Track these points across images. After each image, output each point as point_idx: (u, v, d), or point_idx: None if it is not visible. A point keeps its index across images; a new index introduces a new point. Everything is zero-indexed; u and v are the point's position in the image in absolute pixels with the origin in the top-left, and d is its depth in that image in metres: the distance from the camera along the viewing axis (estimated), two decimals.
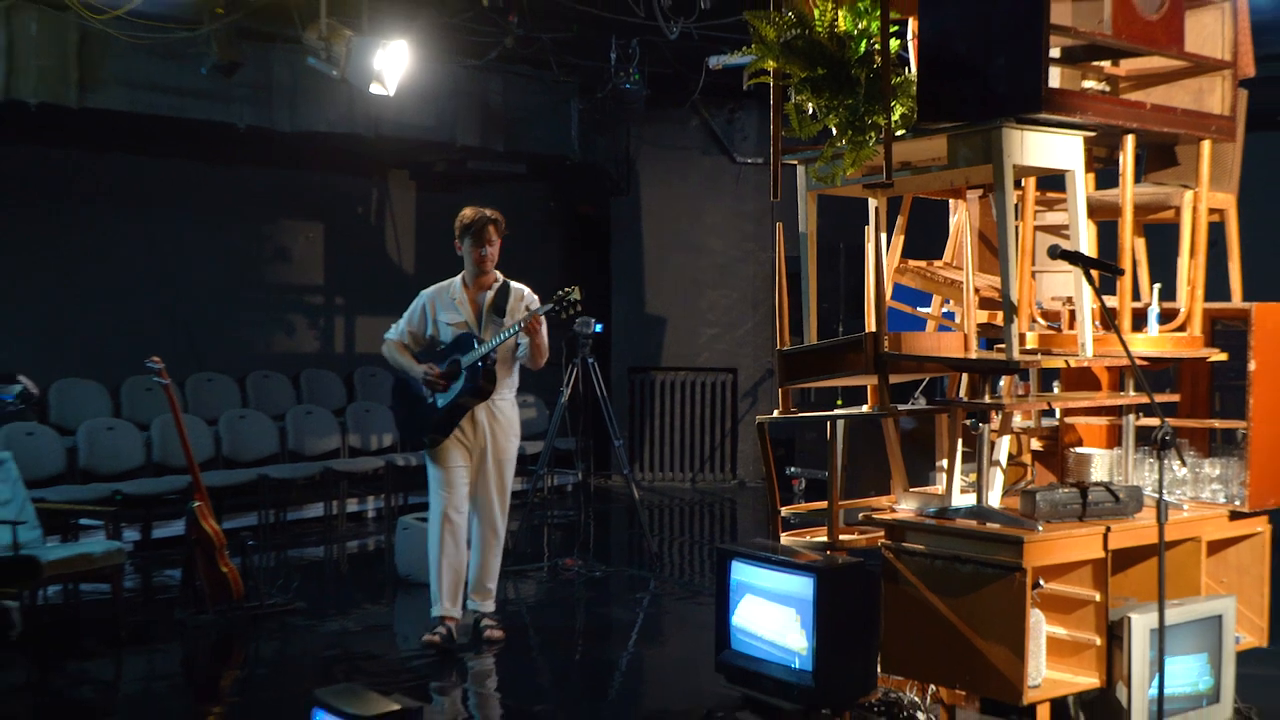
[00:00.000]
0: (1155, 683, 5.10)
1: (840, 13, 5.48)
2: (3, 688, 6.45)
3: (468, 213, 6.98)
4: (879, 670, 5.57)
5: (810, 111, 5.56)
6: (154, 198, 11.04)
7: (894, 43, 5.50)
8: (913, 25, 5.64)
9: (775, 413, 6.23)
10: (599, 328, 9.95)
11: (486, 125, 12.25)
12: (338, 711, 4.43)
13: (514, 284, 7.09)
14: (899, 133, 5.37)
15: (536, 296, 7.05)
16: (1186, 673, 5.38)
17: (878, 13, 5.34)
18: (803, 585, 5.42)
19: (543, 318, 6.76)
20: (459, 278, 7.09)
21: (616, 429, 10.10)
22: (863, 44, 5.44)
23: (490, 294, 6.99)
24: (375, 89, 9.43)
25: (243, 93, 10.54)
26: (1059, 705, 5.36)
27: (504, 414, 7.04)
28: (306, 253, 12.36)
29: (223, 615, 7.49)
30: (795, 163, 5.89)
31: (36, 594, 7.22)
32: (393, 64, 9.39)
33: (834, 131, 5.50)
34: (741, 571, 5.76)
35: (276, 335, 12.10)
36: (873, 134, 5.38)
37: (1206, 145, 5.71)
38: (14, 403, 9.36)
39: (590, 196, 13.69)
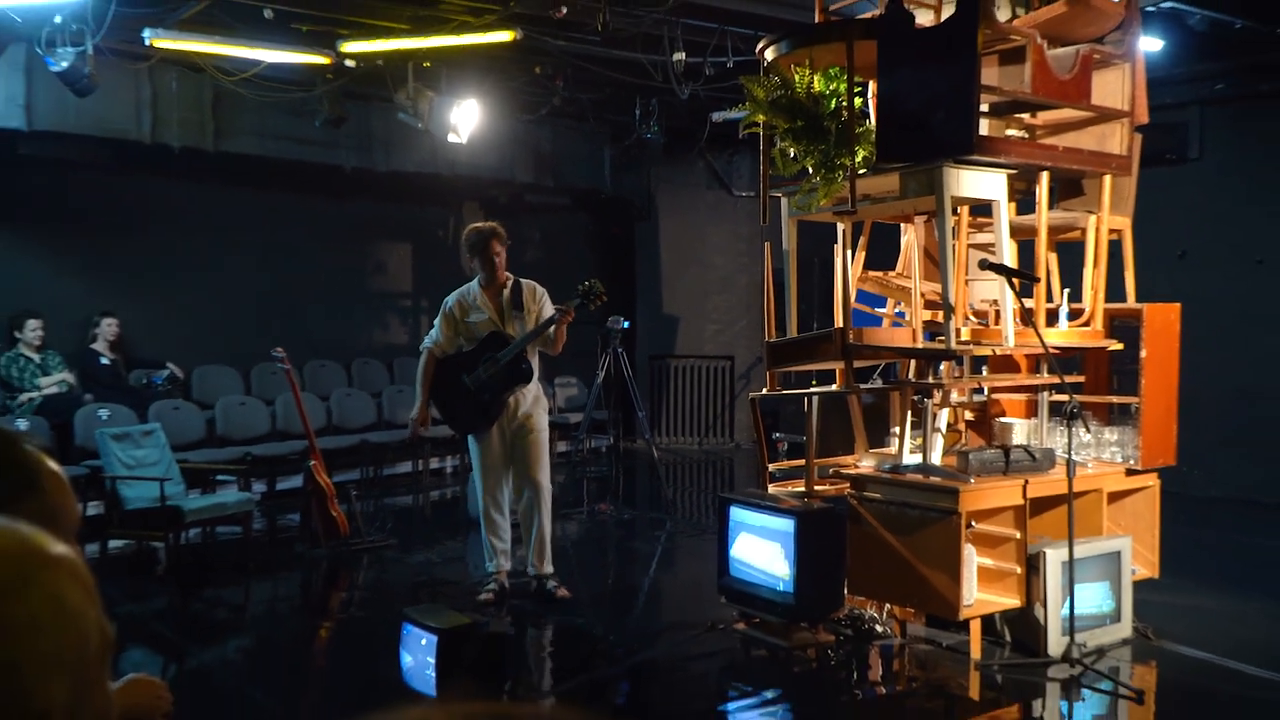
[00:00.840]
0: (1066, 604, 5.09)
1: (815, 77, 5.48)
2: (152, 612, 6.48)
3: (471, 233, 6.39)
4: (846, 592, 5.59)
5: (791, 155, 5.56)
6: (277, 223, 11.05)
7: (857, 100, 5.50)
8: (872, 86, 5.63)
9: (764, 390, 6.24)
10: (626, 324, 9.95)
11: (539, 166, 12.26)
12: (422, 625, 4.46)
13: (523, 280, 6.42)
14: (861, 171, 5.38)
15: (545, 290, 6.44)
16: (1092, 597, 5.38)
17: (844, 77, 5.34)
18: (786, 525, 5.43)
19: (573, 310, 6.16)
20: (474, 283, 6.42)
21: (640, 403, 10.12)
22: (833, 102, 5.44)
23: (506, 291, 6.31)
24: (452, 138, 9.48)
25: (348, 141, 10.59)
26: (988, 621, 5.36)
27: (530, 392, 6.30)
28: (398, 267, 12.38)
29: (333, 550, 7.53)
30: (779, 195, 5.89)
31: (180, 536, 7.23)
32: (465, 118, 9.43)
33: (810, 170, 5.50)
34: (738, 514, 5.78)
35: (375, 330, 12.12)
36: (840, 172, 5.38)
37: (1108, 179, 5.69)
38: (162, 385, 9.41)
39: (619, 222, 13.68)
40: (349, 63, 8.71)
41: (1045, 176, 5.47)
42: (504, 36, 8.02)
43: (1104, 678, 4.95)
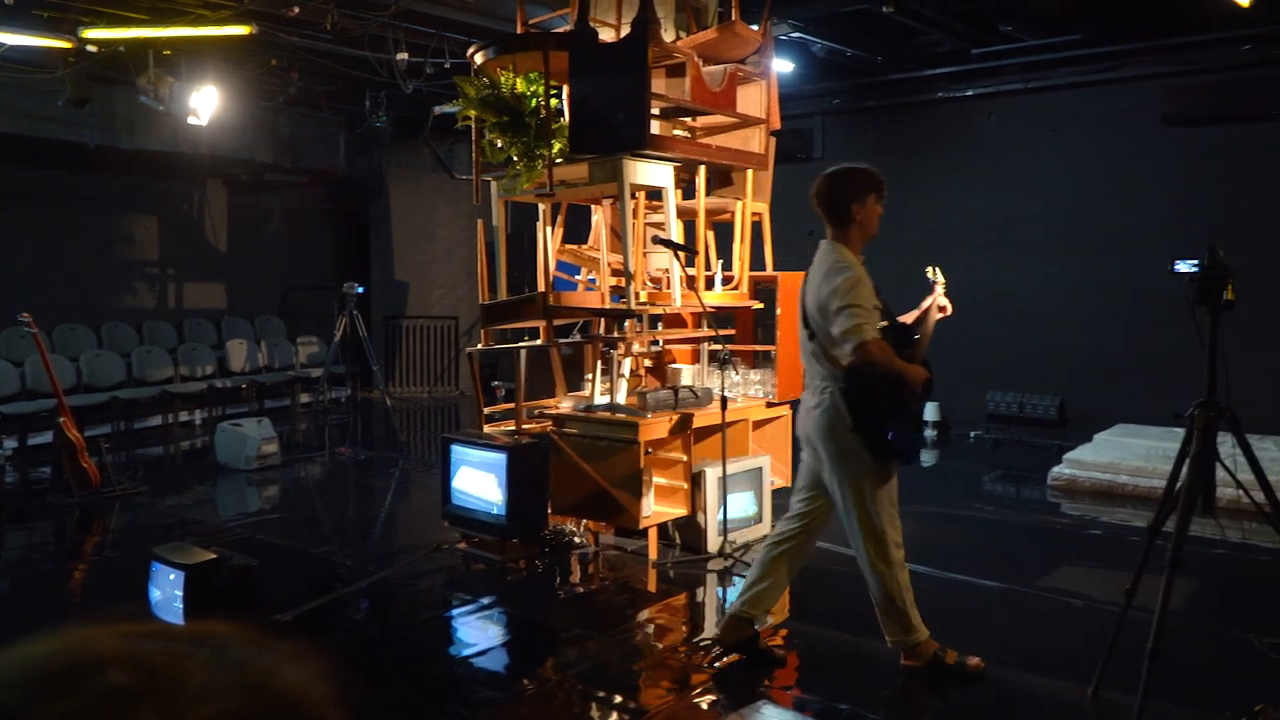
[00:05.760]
0: (721, 511, 5.38)
1: (518, 80, 5.44)
2: None
3: (860, 173, 3.83)
4: (550, 511, 5.67)
5: (499, 145, 5.52)
6: (22, 196, 9.90)
7: (554, 101, 5.50)
8: (566, 90, 5.65)
9: (479, 346, 6.20)
10: (361, 289, 9.59)
11: (278, 148, 11.54)
12: (169, 562, 4.17)
13: None
14: (557, 161, 5.40)
15: None
16: (741, 503, 5.69)
17: (542, 81, 5.34)
18: (499, 459, 5.44)
19: None
20: (843, 249, 3.80)
21: (373, 358, 9.82)
22: (533, 101, 5.42)
23: None
24: (192, 120, 8.77)
25: (91, 119, 9.57)
26: (662, 528, 5.58)
27: None
28: (145, 237, 11.34)
29: (84, 499, 6.87)
30: (490, 179, 5.84)
31: None
32: (205, 102, 8.74)
33: (515, 158, 5.47)
34: (458, 452, 5.73)
35: (124, 296, 11.09)
36: (540, 161, 5.38)
37: (750, 172, 5.97)
38: None
39: (354, 199, 13.11)
40: (90, 48, 7.87)
41: (703, 169, 5.69)
42: (239, 30, 7.47)
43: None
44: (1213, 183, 8.07)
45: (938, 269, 4.14)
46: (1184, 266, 3.34)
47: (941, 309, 4.03)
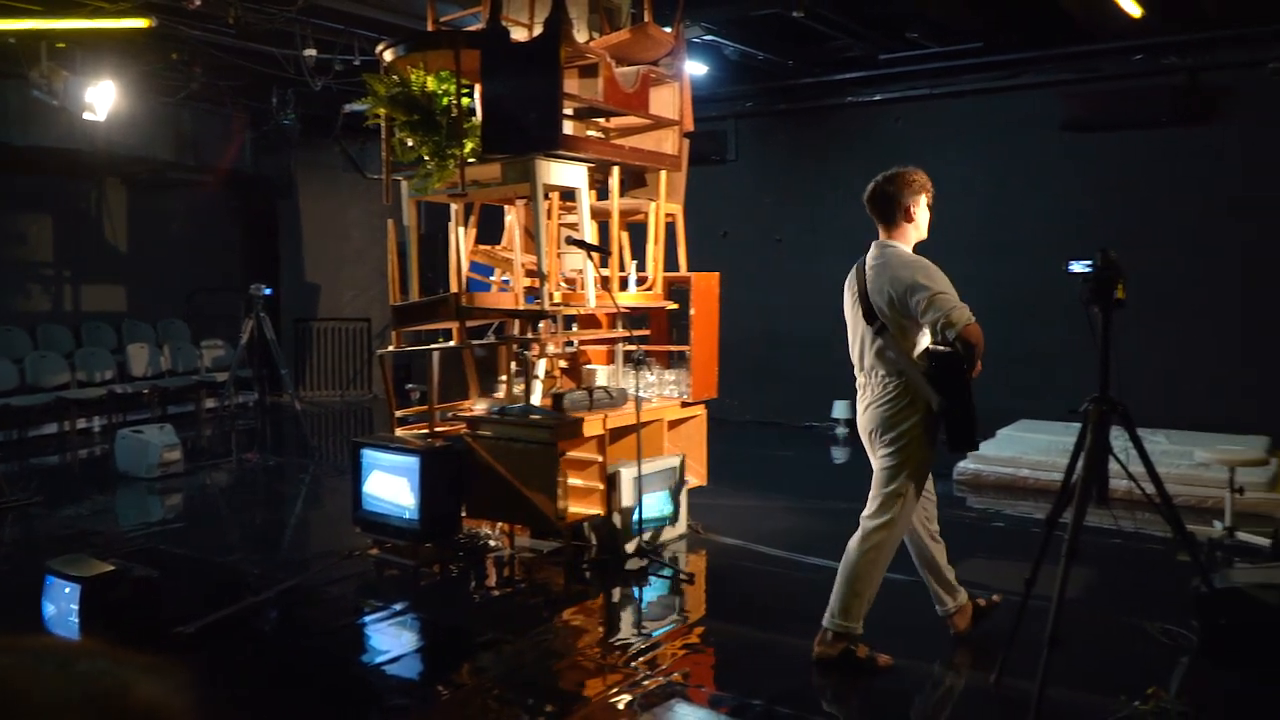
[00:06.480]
0: (637, 511, 5.38)
1: (428, 78, 5.38)
2: None
3: (910, 175, 3.96)
4: (464, 516, 5.61)
5: (409, 144, 5.45)
6: None
7: (465, 99, 5.46)
8: (478, 88, 5.60)
9: (391, 348, 6.11)
10: (269, 291, 9.33)
11: (180, 146, 11.17)
12: (64, 575, 4.01)
13: None
14: (470, 160, 5.36)
15: None
16: (657, 503, 5.71)
17: (454, 79, 5.28)
18: (411, 463, 5.37)
19: None
20: (903, 244, 3.93)
21: (282, 361, 9.57)
22: (444, 99, 5.37)
23: None
24: (88, 115, 8.44)
25: None
26: (578, 529, 5.56)
27: None
28: (39, 237, 10.87)
29: None
30: (400, 178, 5.76)
31: None
32: (102, 98, 8.41)
33: (426, 158, 5.41)
34: (369, 456, 5.64)
35: (16, 298, 10.61)
36: (452, 160, 5.33)
37: (664, 174, 6.00)
38: None
39: (262, 199, 12.77)
40: None
41: (617, 170, 5.70)
42: (139, 23, 7.23)
43: (666, 565, 5.31)
44: (1108, 186, 8.39)
45: None
46: (1078, 266, 3.45)
47: None
